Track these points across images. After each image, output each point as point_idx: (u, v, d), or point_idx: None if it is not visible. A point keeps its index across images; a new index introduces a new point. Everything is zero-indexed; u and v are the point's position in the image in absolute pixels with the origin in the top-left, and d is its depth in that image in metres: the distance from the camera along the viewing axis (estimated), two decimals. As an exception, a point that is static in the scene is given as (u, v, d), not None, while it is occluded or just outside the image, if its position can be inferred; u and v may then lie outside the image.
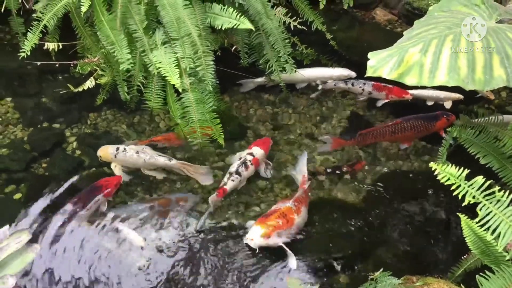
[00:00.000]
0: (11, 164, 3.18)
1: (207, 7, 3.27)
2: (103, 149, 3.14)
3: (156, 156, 3.07)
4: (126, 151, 3.07)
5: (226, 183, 3.04)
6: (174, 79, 3.05)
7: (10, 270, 1.88)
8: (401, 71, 2.19)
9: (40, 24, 3.22)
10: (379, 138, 3.36)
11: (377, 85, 3.61)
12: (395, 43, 2.38)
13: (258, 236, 2.67)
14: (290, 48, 3.45)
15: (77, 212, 2.82)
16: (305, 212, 2.85)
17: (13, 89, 3.67)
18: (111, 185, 2.96)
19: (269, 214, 2.80)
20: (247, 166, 3.11)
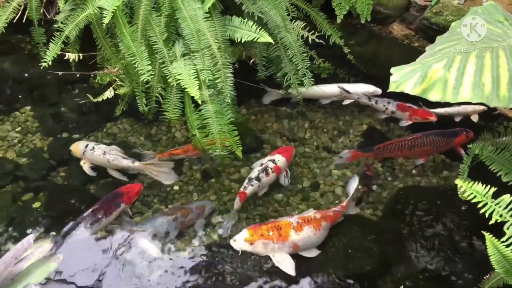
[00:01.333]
0: (30, 172, 3.21)
1: (226, 20, 3.29)
2: (75, 145, 3.23)
3: (121, 158, 3.12)
4: (94, 150, 3.15)
5: (246, 187, 3.07)
6: (193, 91, 3.07)
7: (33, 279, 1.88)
8: (424, 86, 2.18)
9: (62, 34, 3.26)
10: (397, 152, 3.33)
11: (402, 105, 3.55)
12: (417, 59, 2.38)
13: (242, 240, 2.66)
14: (308, 62, 3.46)
15: (99, 218, 2.83)
16: (319, 234, 2.73)
17: (33, 98, 3.71)
18: (132, 192, 2.98)
19: (267, 223, 2.76)
20: (268, 173, 3.12)
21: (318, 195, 3.22)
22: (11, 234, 2.90)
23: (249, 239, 2.65)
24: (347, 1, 4.14)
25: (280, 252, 2.68)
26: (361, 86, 3.71)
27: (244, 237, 2.66)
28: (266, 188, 3.18)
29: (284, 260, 2.65)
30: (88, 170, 3.17)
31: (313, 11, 3.81)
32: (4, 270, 1.91)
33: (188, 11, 3.18)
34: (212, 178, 3.31)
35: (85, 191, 3.17)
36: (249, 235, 2.65)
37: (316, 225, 2.71)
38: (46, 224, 2.92)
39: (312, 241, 2.72)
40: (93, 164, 3.19)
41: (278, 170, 3.19)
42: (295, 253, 2.73)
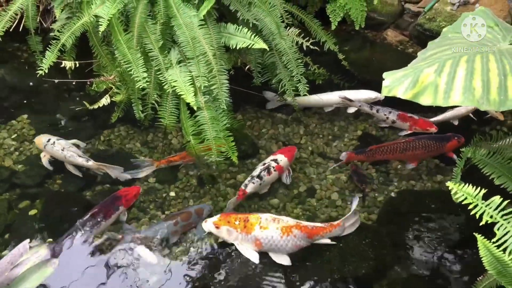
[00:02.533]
0: (27, 180, 3.22)
1: (221, 27, 3.32)
2: (39, 138, 3.33)
3: (76, 156, 3.20)
4: (54, 144, 3.23)
5: (246, 185, 3.11)
6: (189, 97, 3.09)
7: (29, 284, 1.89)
8: (416, 91, 2.21)
9: (58, 43, 3.28)
10: (389, 155, 3.36)
11: (402, 115, 3.57)
12: (409, 64, 2.41)
13: (211, 222, 2.76)
14: (303, 68, 3.48)
15: (99, 222, 2.84)
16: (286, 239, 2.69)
17: (29, 106, 3.73)
18: (131, 195, 3.00)
19: (240, 213, 2.83)
20: (270, 171, 3.16)
21: (314, 201, 3.24)
22: (8, 241, 2.90)
23: (216, 223, 2.75)
24: (341, 8, 4.18)
25: (244, 242, 2.74)
26: (363, 92, 3.72)
27: (213, 221, 2.76)
28: (267, 187, 3.23)
29: (247, 249, 2.73)
30: (46, 163, 3.26)
31: (307, 18, 3.85)
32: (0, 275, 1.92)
33: (183, 18, 3.21)
34: (208, 184, 3.32)
35: (81, 197, 3.18)
36: (218, 219, 2.76)
37: (285, 230, 2.68)
38: (42, 231, 2.93)
39: (276, 244, 2.69)
40: (52, 158, 3.29)
41: (280, 169, 3.22)
42: (260, 250, 2.74)
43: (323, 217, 3.13)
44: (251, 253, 2.73)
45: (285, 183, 3.28)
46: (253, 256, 2.73)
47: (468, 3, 4.28)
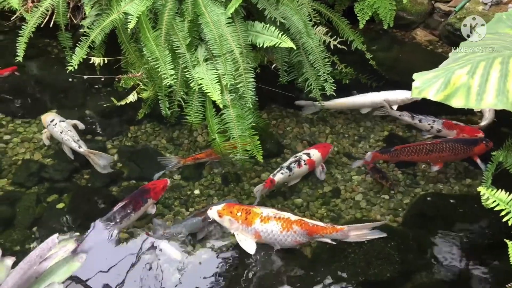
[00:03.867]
0: (55, 174, 3.28)
1: (249, 25, 3.31)
2: (45, 116, 3.47)
3: (71, 140, 3.29)
4: (55, 126, 3.35)
5: (275, 174, 3.13)
6: (215, 95, 3.09)
7: (57, 278, 1.92)
8: (447, 93, 2.16)
9: (88, 39, 3.33)
10: (413, 156, 3.28)
11: (448, 123, 3.48)
12: (440, 65, 2.36)
13: (215, 210, 2.80)
14: (329, 67, 3.46)
15: (128, 213, 2.87)
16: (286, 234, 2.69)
17: (58, 101, 3.79)
18: (158, 188, 3.03)
19: (243, 205, 2.85)
20: (300, 164, 3.18)
21: (339, 201, 3.21)
22: (36, 233, 2.96)
23: (220, 212, 2.79)
24: (369, 6, 4.13)
25: (244, 233, 2.75)
26: (399, 93, 3.62)
27: (217, 209, 2.80)
28: (297, 180, 3.23)
29: (246, 240, 2.74)
30: (45, 139, 3.44)
31: (335, 17, 3.82)
32: (29, 268, 1.96)
33: (211, 16, 3.22)
34: (232, 182, 3.32)
35: (108, 193, 3.22)
36: (222, 209, 2.80)
37: (286, 226, 2.69)
38: (69, 225, 2.98)
39: (276, 238, 2.71)
40: (52, 137, 3.44)
41: (312, 164, 3.23)
42: (259, 241, 2.75)
43: (348, 218, 3.10)
44: (248, 245, 2.73)
45: (319, 178, 3.28)
46: (250, 248, 2.73)
47: (500, 3, 4.18)
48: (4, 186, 3.21)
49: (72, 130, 3.37)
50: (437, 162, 3.27)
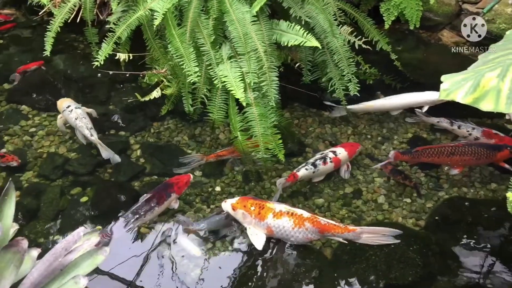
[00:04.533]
0: (79, 167, 3.32)
1: (273, 24, 3.30)
2: (61, 101, 3.54)
3: (84, 127, 3.36)
4: (71, 112, 3.42)
5: (299, 169, 3.15)
6: (239, 93, 3.09)
7: (82, 270, 1.95)
8: (476, 95, 2.12)
9: (114, 35, 3.36)
10: (434, 157, 3.22)
11: (487, 131, 3.38)
12: (469, 67, 2.32)
13: (229, 203, 2.85)
14: (354, 67, 3.43)
15: (152, 207, 2.89)
16: (298, 231, 2.71)
17: (84, 96, 3.84)
18: (182, 183, 3.05)
19: (258, 199, 2.86)
20: (326, 161, 3.19)
21: (360, 203, 3.18)
22: (59, 226, 3.01)
23: (234, 205, 2.83)
24: (395, 7, 4.08)
25: (257, 227, 2.77)
26: (429, 94, 3.54)
27: (231, 202, 2.85)
28: (321, 177, 3.25)
29: (257, 235, 2.76)
30: (60, 125, 3.52)
31: (360, 16, 3.78)
32: (54, 260, 1.99)
33: (236, 14, 3.21)
34: (253, 180, 3.32)
35: (130, 187, 3.25)
36: (236, 202, 2.84)
37: (298, 222, 2.71)
38: (92, 218, 3.02)
39: (287, 234, 2.73)
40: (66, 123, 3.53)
41: (337, 162, 3.23)
42: (271, 236, 2.78)
43: (369, 219, 3.08)
44: (257, 240, 2.75)
45: (343, 177, 3.29)
46: (258, 243, 2.75)
47: (531, 5, 4.08)
48: (29, 178, 3.27)
49: (86, 117, 3.43)
50: (458, 166, 3.21)
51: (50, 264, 1.98)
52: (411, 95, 3.59)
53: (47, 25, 3.64)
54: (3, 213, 2.17)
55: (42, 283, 1.98)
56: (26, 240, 1.98)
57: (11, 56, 4.17)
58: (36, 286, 1.97)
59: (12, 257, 1.95)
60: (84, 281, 1.83)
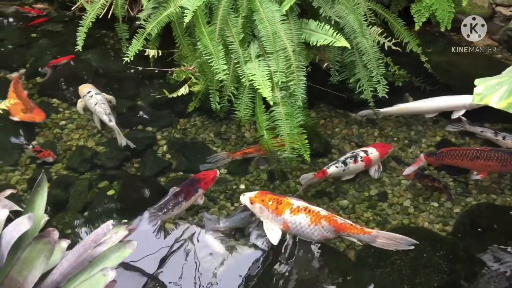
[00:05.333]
0: (107, 161, 3.37)
1: (303, 23, 3.30)
2: (83, 87, 3.67)
3: (103, 113, 3.46)
4: (91, 97, 3.53)
5: (329, 167, 3.16)
6: (266, 92, 3.09)
7: (110, 263, 1.98)
8: (511, 100, 2.08)
9: (144, 32, 3.39)
10: (458, 160, 3.16)
11: None
12: (504, 71, 2.28)
13: (247, 197, 2.87)
14: (383, 69, 3.39)
15: (180, 202, 2.92)
16: (314, 228, 2.70)
17: (113, 90, 3.88)
18: (208, 178, 3.07)
19: (276, 194, 2.87)
20: (357, 160, 3.19)
21: (386, 205, 3.15)
22: (86, 217, 3.05)
23: (252, 199, 2.85)
24: (427, 8, 4.01)
25: (273, 222, 2.78)
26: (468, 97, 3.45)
27: (249, 196, 2.86)
28: (350, 176, 3.25)
29: (273, 230, 2.77)
30: (80, 109, 3.65)
31: (390, 17, 3.73)
32: (84, 252, 2.03)
33: (265, 13, 3.21)
34: (278, 179, 3.32)
35: (156, 183, 3.28)
36: (254, 196, 2.86)
37: (314, 219, 2.69)
38: (118, 211, 3.05)
39: (303, 231, 2.72)
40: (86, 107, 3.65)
41: (368, 162, 3.22)
42: (287, 231, 2.77)
43: (394, 223, 3.04)
44: (273, 234, 2.76)
45: (373, 177, 3.28)
46: (274, 238, 2.75)
47: None
48: (59, 170, 3.33)
49: (105, 103, 3.52)
50: (482, 171, 3.14)
51: (80, 256, 2.02)
52: (447, 99, 3.53)
53: (79, 20, 3.71)
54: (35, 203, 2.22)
55: (71, 273, 2.02)
56: (57, 231, 2.02)
57: (43, 50, 4.25)
58: (65, 276, 2.01)
59: (42, 248, 1.99)
60: (112, 274, 1.86)
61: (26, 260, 1.98)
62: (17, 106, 3.47)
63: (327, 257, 2.79)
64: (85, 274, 1.98)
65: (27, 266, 1.98)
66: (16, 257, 2.02)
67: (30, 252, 1.99)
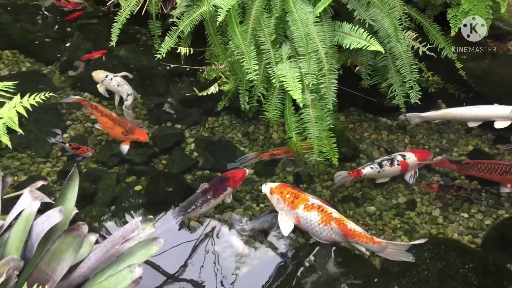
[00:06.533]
0: (135, 157, 3.40)
1: (336, 26, 3.25)
2: (97, 72, 3.84)
3: (125, 93, 3.66)
4: (111, 80, 3.76)
5: (364, 167, 3.16)
6: (296, 94, 3.06)
7: (136, 259, 2.00)
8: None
9: (178, 29, 3.41)
10: (485, 173, 3.08)
11: None
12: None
13: (269, 187, 2.94)
14: (417, 74, 3.33)
15: (208, 199, 2.93)
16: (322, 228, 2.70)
17: (144, 87, 3.92)
18: (237, 177, 3.07)
19: (296, 189, 2.91)
20: (393, 163, 3.16)
21: (414, 214, 3.10)
22: (113, 211, 3.10)
23: (272, 189, 2.91)
24: (464, 14, 3.90)
25: (288, 215, 2.83)
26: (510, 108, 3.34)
27: (270, 187, 2.93)
28: (386, 179, 3.23)
29: (286, 221, 2.82)
30: (103, 91, 3.82)
31: (426, 22, 3.65)
32: (111, 247, 2.05)
33: (299, 14, 3.19)
34: (304, 182, 3.30)
35: (182, 180, 3.30)
36: (275, 187, 2.92)
37: (325, 220, 2.69)
38: (145, 207, 3.09)
39: (312, 228, 2.74)
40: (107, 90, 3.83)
41: (405, 166, 3.19)
42: (299, 226, 2.80)
43: (422, 232, 2.99)
44: (285, 226, 2.81)
45: (408, 182, 3.23)
46: (285, 230, 2.80)
47: None
48: (88, 163, 3.38)
49: (127, 84, 3.71)
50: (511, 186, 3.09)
51: (108, 251, 2.04)
52: (493, 108, 3.41)
53: (113, 15, 3.74)
54: (66, 196, 2.25)
55: (98, 268, 2.04)
56: (86, 225, 2.05)
57: (78, 44, 4.32)
58: (92, 270, 2.04)
59: (72, 241, 2.02)
60: (139, 271, 1.88)
61: (55, 253, 2.01)
62: (116, 132, 3.42)
63: (351, 263, 2.76)
64: (112, 269, 2.00)
65: (56, 258, 2.02)
66: (46, 249, 2.05)
67: (60, 245, 2.02)
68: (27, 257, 2.11)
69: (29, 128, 3.48)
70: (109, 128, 3.44)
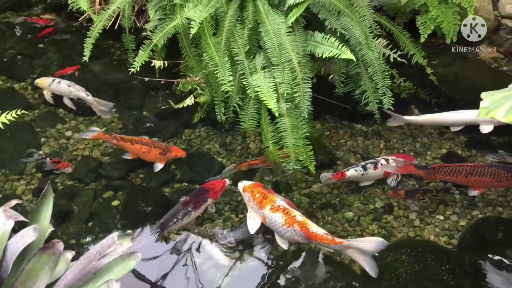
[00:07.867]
0: (112, 172, 3.38)
1: (308, 35, 3.31)
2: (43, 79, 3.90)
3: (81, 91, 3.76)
4: (60, 83, 3.80)
5: (348, 169, 3.20)
6: (271, 103, 3.10)
7: (114, 275, 1.98)
8: (518, 115, 2.07)
9: (151, 43, 3.41)
10: (451, 177, 3.10)
11: None
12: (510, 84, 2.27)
13: (243, 184, 3.03)
14: (389, 80, 3.39)
15: (189, 211, 2.92)
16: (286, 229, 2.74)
17: (119, 101, 3.91)
18: (217, 188, 3.07)
19: (267, 189, 2.99)
20: (377, 166, 3.20)
21: (391, 218, 3.13)
22: (90, 228, 3.06)
23: (245, 187, 3.00)
24: (432, 20, 4.02)
25: (256, 213, 2.90)
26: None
27: (245, 184, 3.02)
28: (368, 182, 3.26)
29: (254, 219, 2.89)
30: (49, 98, 3.86)
31: (396, 29, 3.74)
32: (88, 263, 2.03)
33: (271, 25, 3.23)
34: (283, 191, 3.31)
35: (161, 194, 3.28)
36: (247, 186, 3.00)
37: (288, 222, 2.75)
38: (123, 222, 3.06)
39: (277, 229, 2.80)
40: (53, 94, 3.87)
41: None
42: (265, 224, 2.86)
43: (400, 236, 3.02)
44: (252, 224, 2.88)
45: (390, 185, 3.27)
46: (252, 228, 2.87)
47: None
48: (64, 180, 3.34)
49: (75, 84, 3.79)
50: (477, 187, 3.10)
51: (84, 267, 2.01)
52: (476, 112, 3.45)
53: (86, 30, 3.73)
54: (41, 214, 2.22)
55: (75, 285, 2.02)
56: (61, 243, 2.02)
57: (50, 60, 4.28)
58: (69, 288, 2.01)
59: (47, 259, 1.99)
60: (116, 286, 1.86)
61: (30, 272, 1.98)
62: (153, 154, 3.33)
63: (332, 270, 2.78)
64: (89, 285, 1.98)
65: (32, 277, 1.98)
66: (21, 269, 2.02)
67: (35, 264, 1.99)
68: (2, 277, 2.07)
69: (2, 147, 3.42)
70: (145, 154, 3.30)
